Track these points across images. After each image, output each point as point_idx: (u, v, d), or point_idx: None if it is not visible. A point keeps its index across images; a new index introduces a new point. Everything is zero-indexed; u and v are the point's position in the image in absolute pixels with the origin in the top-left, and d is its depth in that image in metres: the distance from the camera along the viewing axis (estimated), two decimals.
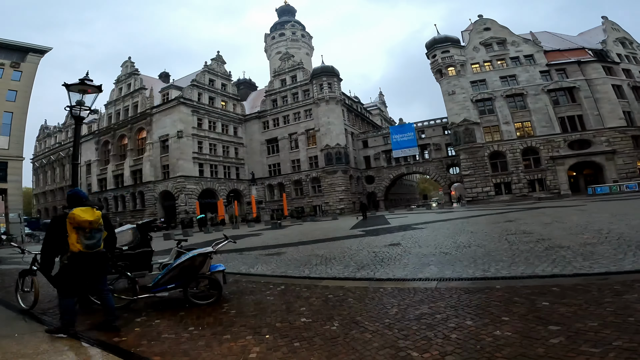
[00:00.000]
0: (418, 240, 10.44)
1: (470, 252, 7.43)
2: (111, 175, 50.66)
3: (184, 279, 5.10)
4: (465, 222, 16.13)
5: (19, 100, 34.56)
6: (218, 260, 10.12)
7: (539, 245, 7.45)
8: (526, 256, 6.42)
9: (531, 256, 6.37)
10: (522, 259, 6.25)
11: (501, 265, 5.93)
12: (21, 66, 34.98)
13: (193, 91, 47.73)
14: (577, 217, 12.92)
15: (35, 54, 36.07)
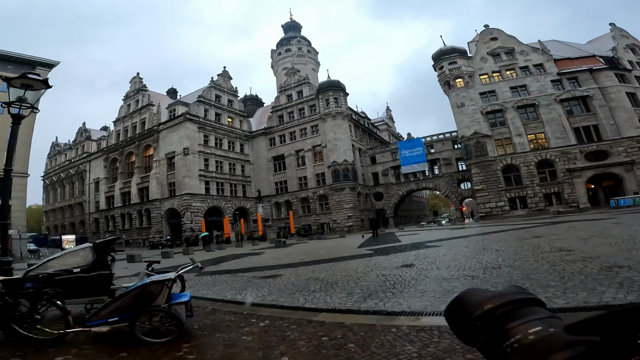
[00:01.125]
0: (434, 261, 9.04)
1: (503, 275, 6.05)
2: (119, 192, 50.33)
3: (133, 311, 3.97)
4: (484, 238, 14.59)
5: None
6: (206, 283, 8.88)
7: (589, 265, 6.04)
8: (580, 279, 5.05)
9: (587, 279, 5.00)
10: (576, 282, 4.88)
11: (552, 292, 4.56)
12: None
13: (199, 107, 47.53)
14: (616, 230, 11.38)
15: (43, 68, 36.02)
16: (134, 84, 53.43)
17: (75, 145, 66.09)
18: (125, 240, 47.41)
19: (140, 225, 46.60)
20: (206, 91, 49.81)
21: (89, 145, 62.05)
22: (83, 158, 60.38)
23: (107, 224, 52.41)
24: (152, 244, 39.17)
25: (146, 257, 23.71)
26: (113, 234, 50.02)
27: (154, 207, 44.99)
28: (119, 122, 53.72)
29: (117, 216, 49.88)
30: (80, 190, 59.71)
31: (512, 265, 7.00)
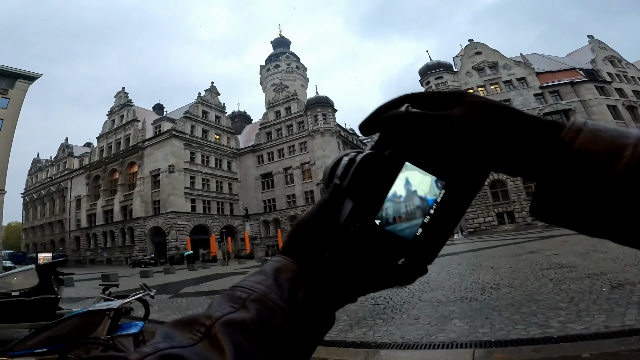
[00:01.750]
0: (427, 280, 8.43)
1: (504, 297, 5.47)
2: (101, 210, 48.51)
3: (65, 342, 3.28)
4: (477, 255, 14.10)
5: (5, 129, 32.37)
6: (178, 307, 8.06)
7: (597, 282, 5.53)
8: (592, 299, 4.52)
9: (600, 299, 4.47)
10: (588, 303, 4.34)
11: (564, 315, 4.00)
12: (9, 93, 33.29)
13: (186, 123, 46.62)
14: (614, 244, 10.92)
15: (24, 81, 34.82)
16: (119, 98, 52.29)
17: (57, 162, 64.08)
18: (107, 258, 45.56)
19: (123, 243, 44.85)
20: (193, 107, 48.93)
21: (71, 162, 60.16)
22: (64, 175, 58.41)
23: (88, 242, 50.34)
24: (135, 263, 37.62)
25: (124, 275, 22.49)
26: (94, 252, 48.07)
27: (138, 225, 43.45)
28: (103, 138, 52.33)
29: (98, 234, 47.98)
30: (61, 208, 57.52)
31: (512, 284, 6.45)
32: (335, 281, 0.32)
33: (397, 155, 0.31)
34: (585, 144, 0.27)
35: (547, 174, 0.28)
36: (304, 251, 0.34)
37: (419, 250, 0.32)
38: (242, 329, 0.27)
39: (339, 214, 0.32)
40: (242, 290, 0.31)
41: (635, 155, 0.25)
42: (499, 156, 0.30)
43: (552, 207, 0.28)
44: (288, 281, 0.32)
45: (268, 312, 0.29)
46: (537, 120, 0.30)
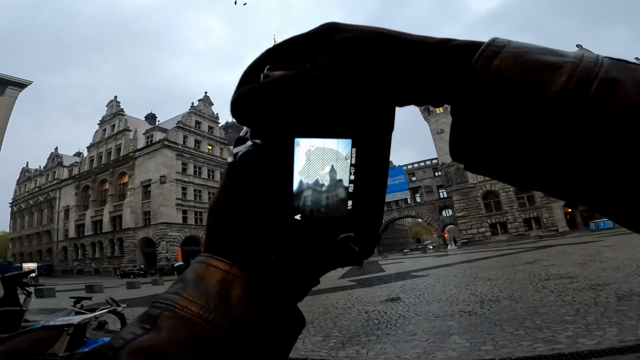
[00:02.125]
0: (423, 293, 8.12)
1: (505, 310, 5.17)
2: (90, 221, 47.35)
3: (20, 358, 2.94)
4: (472, 266, 13.83)
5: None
6: None
7: (602, 293, 5.27)
8: (600, 312, 4.26)
9: (608, 311, 4.22)
10: (597, 316, 4.08)
11: (572, 329, 3.72)
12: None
13: (178, 134, 46.05)
14: (611, 254, 10.82)
15: (14, 88, 34.30)
16: (110, 107, 51.44)
17: (46, 172, 62.82)
18: (95, 269, 44.40)
19: (112, 254, 43.75)
20: (186, 117, 48.31)
21: (60, 172, 58.94)
22: (53, 185, 57.14)
23: (75, 253, 49.04)
24: (123, 273, 36.71)
25: (110, 286, 21.82)
26: (82, 262, 46.82)
27: (127, 236, 42.50)
28: (93, 147, 51.36)
29: (87, 245, 46.80)
30: (49, 218, 56.14)
31: (512, 296, 6.16)
32: (275, 273, 0.28)
33: (279, 139, 0.26)
34: (503, 67, 0.22)
35: (462, 107, 0.23)
36: (233, 246, 0.28)
37: (360, 223, 0.29)
38: (153, 357, 0.21)
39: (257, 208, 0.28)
40: (156, 306, 0.25)
41: (573, 81, 0.20)
42: (397, 91, 0.26)
43: (469, 148, 0.24)
44: (217, 284, 0.26)
45: (188, 329, 0.23)
46: (436, 47, 0.25)
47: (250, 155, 0.27)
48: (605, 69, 0.20)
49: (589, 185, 0.20)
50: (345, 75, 0.25)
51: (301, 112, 0.26)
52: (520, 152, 0.21)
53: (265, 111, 0.26)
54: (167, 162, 43.30)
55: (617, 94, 0.19)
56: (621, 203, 0.20)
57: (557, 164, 0.20)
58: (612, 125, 0.19)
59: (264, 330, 0.25)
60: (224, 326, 0.24)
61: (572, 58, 0.21)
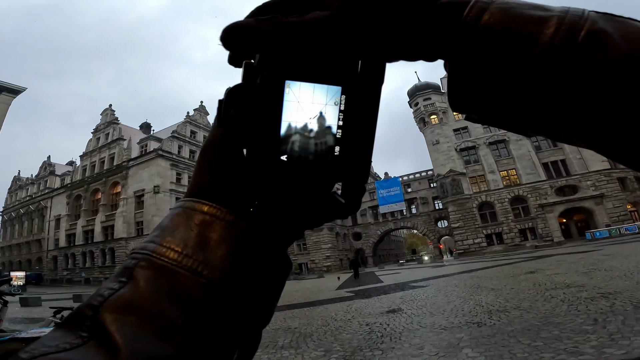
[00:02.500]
0: (425, 304, 7.81)
1: (516, 320, 4.89)
2: (81, 230, 46.26)
3: None
4: (472, 276, 13.55)
5: None
6: None
7: (616, 302, 5.02)
8: (620, 320, 4.04)
9: (628, 320, 4.00)
10: (618, 325, 3.84)
11: (595, 339, 3.45)
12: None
13: (173, 143, 45.57)
14: (615, 262, 10.60)
15: (8, 94, 33.80)
16: (105, 116, 50.75)
17: (38, 180, 61.73)
18: (85, 278, 43.14)
19: (103, 264, 42.61)
20: (181, 126, 47.88)
21: (52, 181, 57.83)
22: (45, 194, 55.97)
23: (66, 262, 47.72)
24: None
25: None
26: (72, 272, 45.54)
27: (119, 246, 41.55)
28: (87, 156, 50.53)
29: (77, 254, 45.65)
30: (40, 227, 54.82)
31: (520, 306, 5.88)
32: (265, 224, 0.28)
33: (272, 77, 0.27)
34: (492, 22, 0.23)
35: (458, 60, 0.25)
36: (216, 186, 0.28)
37: (345, 170, 0.29)
38: (133, 311, 0.21)
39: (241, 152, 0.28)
40: (132, 257, 0.24)
41: (560, 32, 0.21)
42: (386, 46, 0.27)
43: (467, 98, 0.26)
44: (195, 227, 0.25)
45: (166, 279, 0.22)
46: (424, 3, 0.26)
47: (239, 91, 0.27)
48: (592, 21, 0.21)
49: (580, 123, 0.22)
50: (335, 25, 0.26)
51: (293, 55, 0.27)
52: (515, 99, 0.23)
53: (257, 42, 0.26)
54: (161, 172, 42.76)
55: (604, 43, 0.20)
56: (606, 136, 0.22)
57: (549, 107, 0.22)
58: (600, 72, 0.20)
59: (247, 277, 0.24)
60: (203, 273, 0.23)
61: (558, 12, 0.22)
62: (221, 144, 0.29)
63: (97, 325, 0.20)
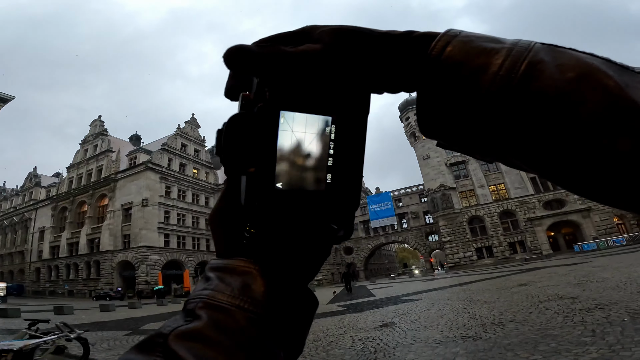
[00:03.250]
0: (419, 318, 7.65)
1: (512, 333, 4.78)
2: (65, 242, 44.78)
3: None
4: (464, 289, 13.45)
5: None
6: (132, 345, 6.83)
7: (612, 313, 4.97)
8: (618, 331, 3.94)
9: (626, 330, 3.92)
10: (617, 336, 3.76)
11: (594, 351, 3.37)
12: None
13: (163, 156, 44.78)
14: (606, 274, 10.65)
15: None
16: (94, 127, 49.76)
17: (23, 192, 59.93)
18: (68, 290, 41.76)
19: (88, 276, 41.27)
20: (171, 139, 47.12)
21: (38, 192, 56.27)
22: (29, 205, 54.34)
23: (49, 274, 46.03)
24: (99, 296, 34.68)
25: (82, 308, 20.44)
26: (55, 284, 43.97)
27: (105, 259, 40.27)
28: (73, 168, 49.27)
29: (61, 266, 44.20)
30: (23, 239, 52.96)
31: (515, 319, 5.78)
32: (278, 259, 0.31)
33: (268, 107, 0.28)
34: (452, 53, 0.25)
35: (424, 90, 0.27)
36: (238, 245, 0.32)
37: (337, 197, 0.30)
38: (198, 338, 0.25)
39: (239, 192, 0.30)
40: (190, 302, 0.29)
41: (506, 64, 0.24)
42: (370, 79, 0.29)
43: (433, 126, 0.27)
44: (238, 276, 0.29)
45: (222, 314, 0.27)
46: (398, 37, 0.28)
47: (238, 120, 0.28)
48: (534, 52, 0.23)
49: (523, 151, 0.24)
50: (325, 57, 0.28)
51: (288, 86, 0.29)
52: (471, 126, 0.25)
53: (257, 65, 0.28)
54: (150, 185, 41.99)
55: (540, 73, 0.22)
56: (544, 164, 0.24)
57: (496, 136, 0.24)
58: (534, 100, 0.22)
59: (282, 310, 0.29)
60: (250, 308, 0.27)
61: (509, 44, 0.25)
62: (224, 214, 0.33)
63: (168, 350, 0.24)
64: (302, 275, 0.32)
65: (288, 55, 0.28)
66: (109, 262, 40.20)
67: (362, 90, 0.30)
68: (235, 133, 0.28)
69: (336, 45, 0.29)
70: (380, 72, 0.29)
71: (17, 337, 4.45)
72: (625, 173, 0.20)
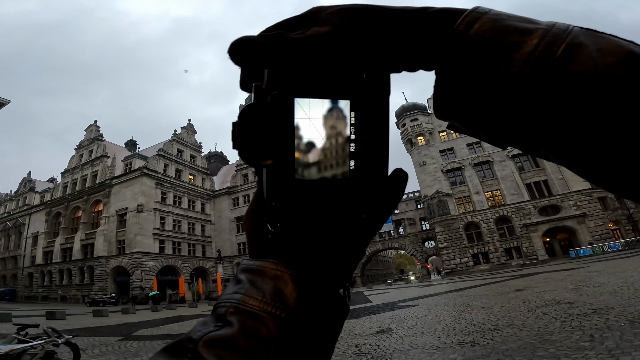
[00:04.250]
0: (416, 324, 7.59)
1: (510, 338, 4.74)
2: (59, 248, 44.26)
3: None
4: (461, 295, 13.40)
5: None
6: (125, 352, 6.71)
7: (610, 317, 4.95)
8: (617, 335, 3.93)
9: (625, 335, 3.91)
10: (615, 340, 3.75)
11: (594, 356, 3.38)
12: None
13: (159, 162, 44.48)
14: (602, 279, 10.66)
15: None
16: (89, 132, 49.36)
17: (17, 197, 59.26)
18: (61, 295, 41.27)
19: (81, 281, 40.84)
20: (167, 145, 46.74)
21: (32, 198, 55.67)
22: (23, 211, 53.75)
23: (42, 279, 45.49)
24: (92, 301, 34.42)
25: (75, 313, 20.19)
26: (48, 289, 43.38)
27: (99, 264, 39.83)
28: (68, 173, 48.80)
29: (54, 271, 43.72)
30: (16, 244, 52.29)
31: (513, 324, 5.74)
32: (307, 258, 0.29)
33: (281, 95, 0.27)
34: (481, 30, 0.24)
35: (445, 67, 0.26)
36: (269, 246, 0.31)
37: (363, 184, 0.29)
38: (229, 346, 0.25)
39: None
40: (221, 305, 0.28)
41: (543, 44, 0.22)
42: (386, 57, 0.28)
43: (451, 105, 0.26)
44: (270, 280, 0.28)
45: (253, 321, 0.26)
46: (413, 13, 0.27)
47: (251, 111, 0.27)
48: (573, 35, 0.23)
49: (556, 139, 0.23)
50: (336, 39, 0.27)
51: (300, 72, 0.28)
52: (496, 106, 0.24)
53: (263, 55, 0.27)
54: (146, 191, 41.70)
55: (580, 56, 0.21)
56: (581, 152, 0.22)
57: (527, 116, 0.23)
58: (573, 83, 0.21)
59: (314, 318, 0.28)
60: (282, 316, 0.26)
61: (545, 25, 0.24)
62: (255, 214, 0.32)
63: (198, 356, 0.24)
64: (335, 277, 0.30)
65: (294, 42, 0.27)
66: (103, 268, 39.81)
67: (380, 70, 0.28)
68: (249, 124, 0.27)
69: (346, 26, 0.28)
70: (396, 51, 0.28)
71: (5, 342, 4.39)
72: None
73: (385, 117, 0.29)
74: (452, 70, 0.25)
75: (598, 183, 0.23)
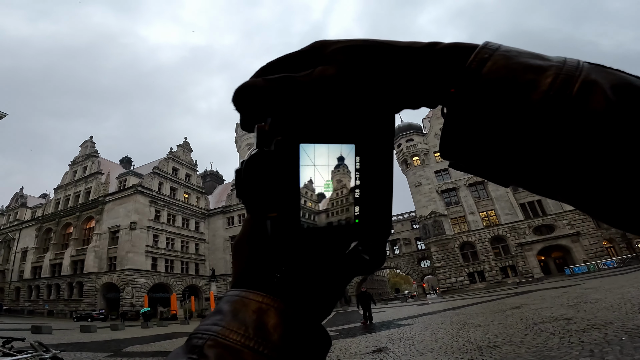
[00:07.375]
0: (413, 342, 7.44)
1: (509, 355, 4.67)
2: (48, 263, 43.28)
3: None
4: (458, 313, 13.22)
5: None
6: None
7: (608, 332, 4.91)
8: (617, 350, 3.90)
9: (625, 349, 3.90)
10: (616, 355, 3.73)
11: None
12: None
13: (153, 180, 44.08)
14: (598, 295, 10.62)
15: None
16: (84, 148, 49.00)
17: (8, 212, 58.18)
18: (48, 310, 40.14)
19: (70, 297, 39.78)
20: (163, 162, 46.55)
21: (23, 213, 54.74)
22: (14, 226, 52.82)
23: (29, 293, 44.22)
24: (80, 316, 33.63)
25: (61, 328, 19.62)
26: (35, 303, 42.16)
27: (88, 280, 38.87)
28: (61, 189, 48.20)
29: (42, 286, 42.63)
30: (5, 258, 51.05)
31: (511, 341, 5.66)
32: (301, 297, 0.28)
33: (284, 142, 0.26)
34: (495, 68, 0.24)
35: (457, 106, 0.25)
36: (259, 276, 0.29)
37: (367, 229, 0.28)
38: None
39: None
40: (198, 337, 0.27)
41: (557, 82, 0.22)
42: (391, 95, 0.27)
43: (460, 144, 0.25)
44: (253, 313, 0.27)
45: (232, 357, 0.25)
46: (424, 50, 0.26)
47: (256, 160, 0.26)
48: (586, 72, 0.23)
49: (571, 179, 0.22)
50: (342, 80, 0.26)
51: (305, 116, 0.27)
52: (509, 146, 0.23)
53: (267, 102, 0.26)
54: (140, 209, 41.25)
55: (596, 94, 0.21)
56: (602, 196, 0.22)
57: (544, 157, 0.22)
58: (592, 120, 0.21)
59: (297, 354, 0.26)
60: (264, 352, 0.25)
61: (556, 62, 0.23)
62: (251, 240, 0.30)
63: None
64: (320, 311, 0.30)
65: (299, 84, 0.26)
66: (92, 284, 38.96)
67: (384, 111, 0.28)
68: (254, 175, 0.26)
69: (352, 65, 0.27)
70: (404, 89, 0.27)
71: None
72: None
73: (389, 160, 0.28)
74: (464, 108, 0.25)
75: (613, 223, 0.23)
